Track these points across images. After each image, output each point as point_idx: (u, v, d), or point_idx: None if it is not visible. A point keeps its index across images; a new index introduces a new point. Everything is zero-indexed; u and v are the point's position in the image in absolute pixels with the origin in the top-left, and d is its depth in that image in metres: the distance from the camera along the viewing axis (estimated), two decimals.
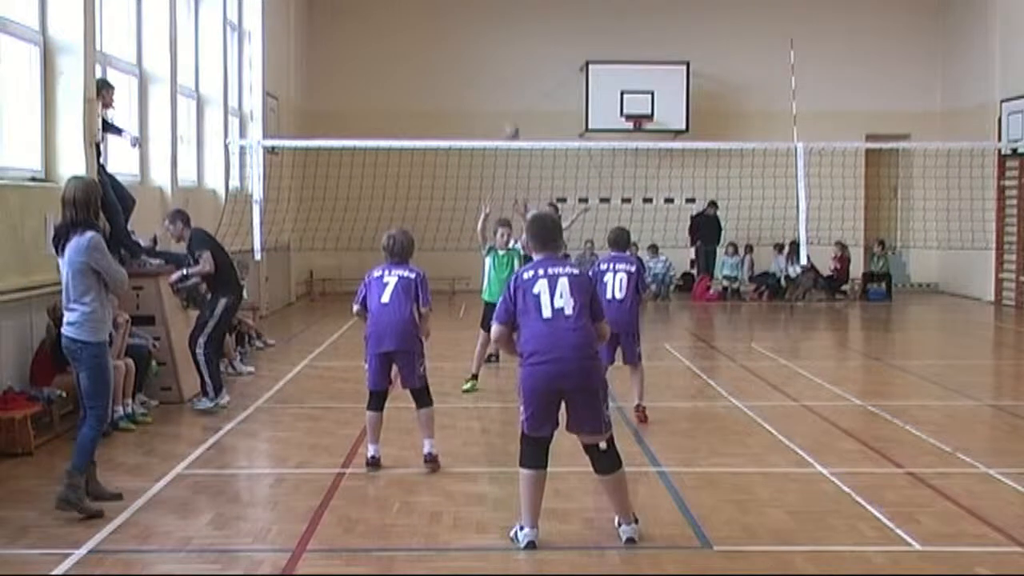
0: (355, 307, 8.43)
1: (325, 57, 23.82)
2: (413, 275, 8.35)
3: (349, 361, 13.45)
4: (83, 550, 6.25)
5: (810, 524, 6.83)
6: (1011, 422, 10.29)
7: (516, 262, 11.78)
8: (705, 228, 22.90)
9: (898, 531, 6.62)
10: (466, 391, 11.59)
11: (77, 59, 10.75)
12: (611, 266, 9.82)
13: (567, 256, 21.19)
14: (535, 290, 6.33)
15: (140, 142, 13.15)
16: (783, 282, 22.78)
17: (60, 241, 7.13)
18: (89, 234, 7.05)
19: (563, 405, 6.37)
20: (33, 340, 9.55)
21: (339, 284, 22.64)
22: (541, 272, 6.38)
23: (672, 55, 23.18)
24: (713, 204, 22.50)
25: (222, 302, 10.73)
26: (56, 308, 9.48)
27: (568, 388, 6.27)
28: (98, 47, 11.68)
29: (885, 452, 8.69)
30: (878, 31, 24.21)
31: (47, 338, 9.47)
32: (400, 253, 8.40)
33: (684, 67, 23.11)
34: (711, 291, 22.75)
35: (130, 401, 9.83)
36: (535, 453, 6.39)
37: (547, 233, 6.59)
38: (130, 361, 9.87)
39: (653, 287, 22.44)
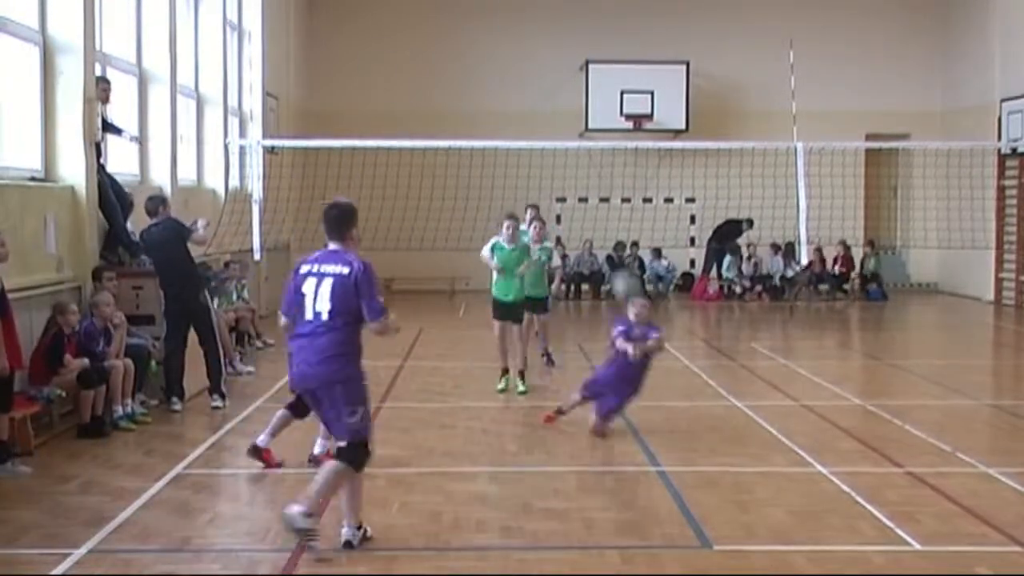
0: None
1: (325, 57, 23.82)
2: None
3: None
4: (83, 550, 6.25)
5: (810, 524, 6.83)
6: (1011, 422, 10.30)
7: (525, 256, 11.60)
8: (728, 234, 22.70)
9: (898, 531, 6.63)
10: (501, 391, 11.45)
11: (77, 59, 10.75)
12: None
13: (565, 257, 21.19)
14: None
15: (140, 140, 13.14)
16: (777, 282, 22.78)
17: None
18: None
19: None
20: (33, 340, 9.55)
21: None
22: None
23: (672, 55, 23.17)
24: (750, 222, 21.78)
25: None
26: (67, 306, 9.50)
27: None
28: (98, 47, 11.68)
29: (885, 452, 8.69)
30: (878, 31, 24.22)
31: (44, 337, 9.48)
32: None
33: (684, 67, 23.11)
34: (710, 291, 22.76)
35: (130, 401, 9.83)
36: None
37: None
38: (129, 361, 9.87)
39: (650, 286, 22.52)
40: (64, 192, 10.66)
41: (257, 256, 15.51)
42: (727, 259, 23.03)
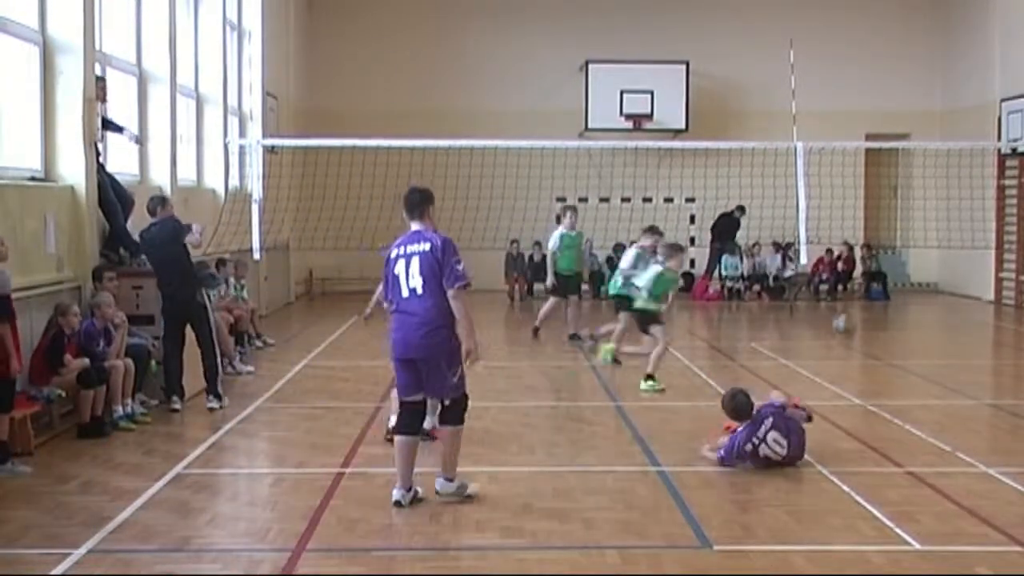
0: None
1: (325, 57, 23.81)
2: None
3: (349, 361, 13.47)
4: (83, 550, 6.25)
5: (810, 524, 6.83)
6: (1011, 422, 10.29)
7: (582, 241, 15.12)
8: (725, 228, 22.83)
9: (898, 531, 6.63)
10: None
11: (77, 59, 10.75)
12: None
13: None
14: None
15: (140, 140, 13.12)
16: (772, 282, 22.79)
17: None
18: None
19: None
20: (33, 340, 9.55)
21: (338, 284, 22.65)
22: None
23: (672, 55, 23.16)
24: (741, 208, 22.22)
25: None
26: (68, 307, 9.50)
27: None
28: (98, 47, 11.68)
29: (885, 452, 8.69)
30: (878, 31, 24.21)
31: (44, 337, 9.47)
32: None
33: (684, 67, 23.09)
34: (711, 291, 22.76)
35: (130, 401, 9.83)
36: None
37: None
38: (129, 361, 9.87)
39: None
40: (64, 192, 10.66)
41: (257, 256, 15.51)
42: (726, 259, 23.04)
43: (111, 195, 11.39)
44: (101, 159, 11.54)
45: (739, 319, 20.12)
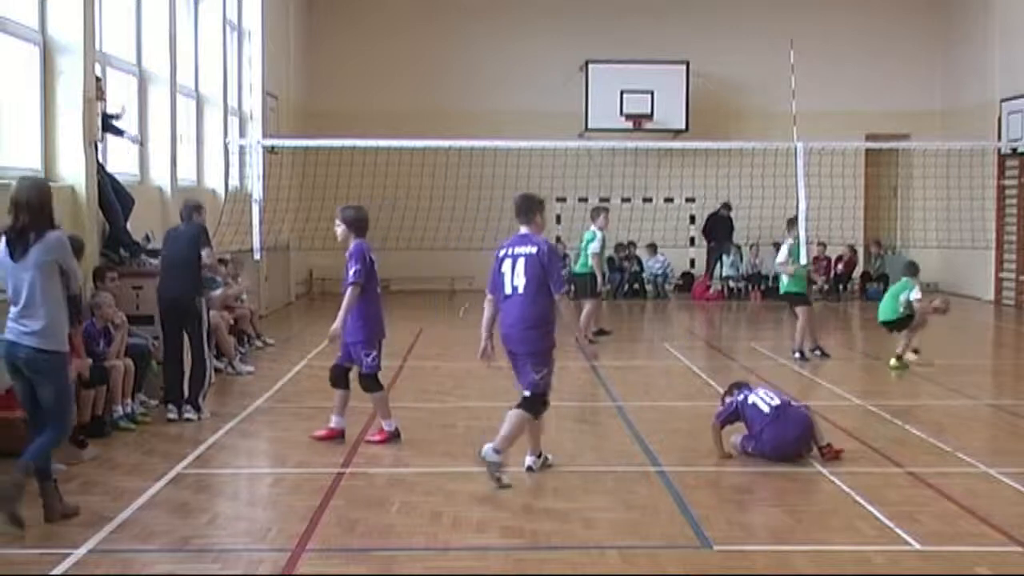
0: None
1: (325, 57, 23.82)
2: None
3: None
4: (83, 550, 6.25)
5: (810, 524, 6.83)
6: (1011, 422, 10.29)
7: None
8: (718, 228, 22.91)
9: (898, 531, 6.63)
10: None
11: (77, 59, 10.75)
12: None
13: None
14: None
15: (141, 141, 13.14)
16: (771, 282, 22.79)
17: (15, 247, 6.66)
18: (56, 232, 6.79)
19: None
20: None
21: (338, 284, 22.56)
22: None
23: (672, 55, 23.17)
24: (727, 206, 22.49)
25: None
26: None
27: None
28: (98, 47, 11.68)
29: (885, 452, 8.69)
30: (878, 31, 24.22)
31: None
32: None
33: (684, 67, 23.10)
34: (711, 291, 22.77)
35: (130, 401, 9.82)
36: None
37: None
38: (129, 361, 9.86)
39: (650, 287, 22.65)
40: (64, 192, 10.65)
41: (257, 256, 15.52)
42: (725, 259, 23.06)
43: (111, 195, 11.39)
44: (101, 159, 11.54)
45: (739, 319, 20.12)
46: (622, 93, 22.89)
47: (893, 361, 13.08)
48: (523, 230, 7.91)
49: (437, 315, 19.73)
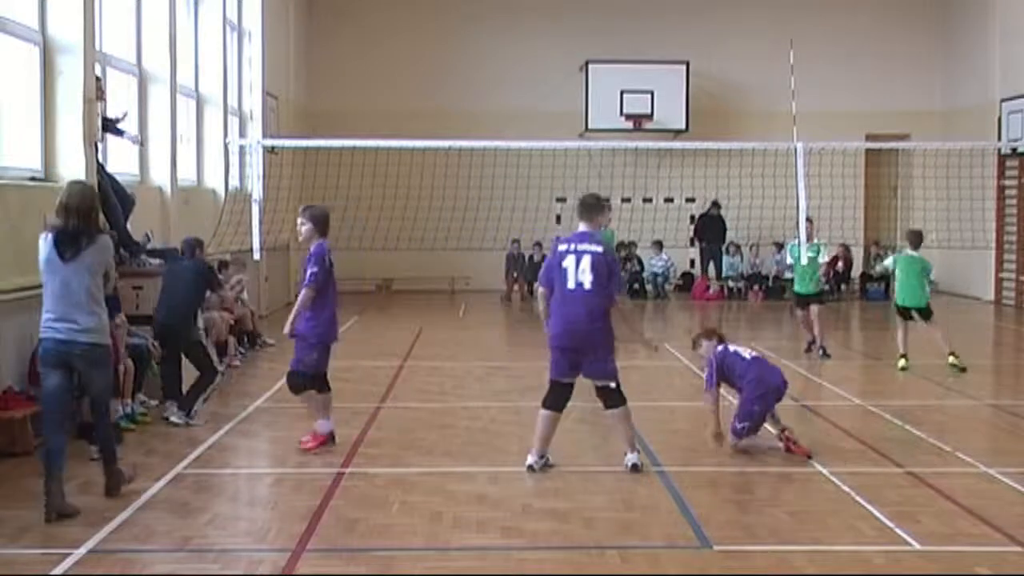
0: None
1: (325, 57, 23.82)
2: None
3: (349, 361, 13.45)
4: (83, 550, 6.25)
5: (810, 524, 6.83)
6: (1011, 422, 10.29)
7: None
8: (709, 228, 22.96)
9: (898, 531, 6.63)
10: None
11: (77, 59, 10.73)
12: None
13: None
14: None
15: (141, 141, 13.12)
16: (771, 282, 22.80)
17: (66, 248, 7.06)
18: (104, 236, 7.26)
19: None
20: (33, 340, 9.53)
21: (338, 284, 22.55)
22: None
23: (672, 55, 23.17)
24: (716, 204, 22.59)
25: None
26: None
27: None
28: (98, 47, 11.68)
29: (885, 452, 8.69)
30: (878, 31, 24.22)
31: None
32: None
33: (684, 67, 23.10)
34: (710, 291, 22.77)
35: (130, 401, 9.82)
36: None
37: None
38: (129, 361, 9.86)
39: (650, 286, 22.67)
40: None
41: (257, 256, 15.51)
42: (728, 260, 23.06)
43: (111, 195, 11.37)
44: (101, 159, 11.53)
45: (739, 319, 20.12)
46: (622, 93, 22.90)
47: (952, 360, 12.87)
48: (583, 227, 8.07)
49: (437, 315, 19.72)
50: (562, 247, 7.97)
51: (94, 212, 7.25)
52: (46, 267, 7.13)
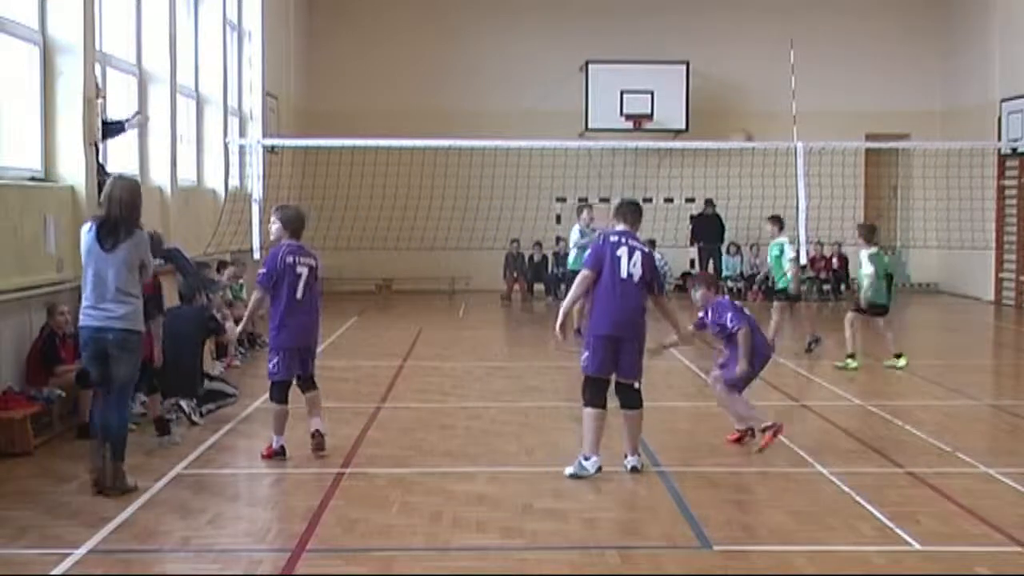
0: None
1: (325, 57, 23.82)
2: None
3: (348, 361, 13.47)
4: (83, 550, 6.25)
5: (810, 524, 6.83)
6: (1011, 422, 10.29)
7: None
8: (705, 228, 22.96)
9: (898, 531, 6.63)
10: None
11: (77, 59, 10.73)
12: None
13: None
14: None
15: (143, 120, 12.82)
16: (769, 282, 22.78)
17: (106, 238, 7.34)
18: (142, 232, 7.57)
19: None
20: (32, 340, 9.55)
21: (338, 284, 22.64)
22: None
23: (672, 55, 23.18)
24: (710, 203, 22.57)
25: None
26: (56, 307, 9.49)
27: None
28: (98, 47, 11.67)
29: (885, 452, 8.70)
30: (878, 31, 24.22)
31: (38, 339, 9.46)
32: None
33: (684, 67, 23.10)
34: None
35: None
36: None
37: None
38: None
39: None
40: (64, 192, 10.65)
41: (257, 256, 15.50)
42: (728, 260, 23.04)
43: None
44: (101, 160, 11.52)
45: None
46: (622, 93, 22.89)
47: (902, 362, 13.17)
48: (622, 227, 8.26)
49: (437, 315, 19.72)
50: (613, 238, 8.12)
51: (136, 207, 7.49)
52: (87, 256, 7.43)
